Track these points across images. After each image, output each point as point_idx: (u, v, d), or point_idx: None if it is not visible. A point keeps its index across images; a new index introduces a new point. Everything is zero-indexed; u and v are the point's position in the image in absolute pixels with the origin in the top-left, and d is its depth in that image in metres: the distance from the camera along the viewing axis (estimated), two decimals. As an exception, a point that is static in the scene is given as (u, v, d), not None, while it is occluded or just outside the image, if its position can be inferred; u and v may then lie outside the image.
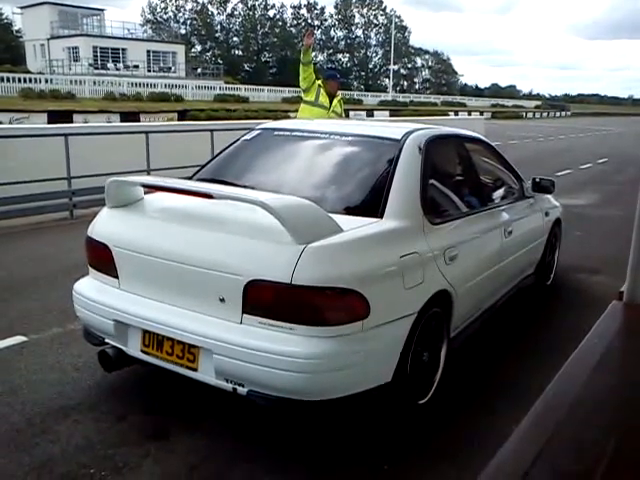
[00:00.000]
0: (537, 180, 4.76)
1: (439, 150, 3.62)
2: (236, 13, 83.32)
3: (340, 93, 7.30)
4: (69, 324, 4.29)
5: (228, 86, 48.36)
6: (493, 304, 4.10)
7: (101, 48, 48.55)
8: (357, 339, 2.60)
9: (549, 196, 5.21)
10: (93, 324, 3.18)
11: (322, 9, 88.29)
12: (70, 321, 4.34)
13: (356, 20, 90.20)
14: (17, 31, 64.97)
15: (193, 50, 77.86)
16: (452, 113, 43.44)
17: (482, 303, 3.88)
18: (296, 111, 7.65)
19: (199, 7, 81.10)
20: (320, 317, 2.55)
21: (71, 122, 20.70)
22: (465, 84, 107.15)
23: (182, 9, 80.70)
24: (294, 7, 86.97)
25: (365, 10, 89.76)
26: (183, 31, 78.75)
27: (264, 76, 76.53)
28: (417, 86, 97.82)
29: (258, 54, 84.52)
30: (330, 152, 3.62)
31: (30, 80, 35.10)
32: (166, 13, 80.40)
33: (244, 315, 2.64)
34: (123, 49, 49.95)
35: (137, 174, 8.76)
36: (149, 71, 49.93)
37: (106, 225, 3.25)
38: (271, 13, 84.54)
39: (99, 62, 47.80)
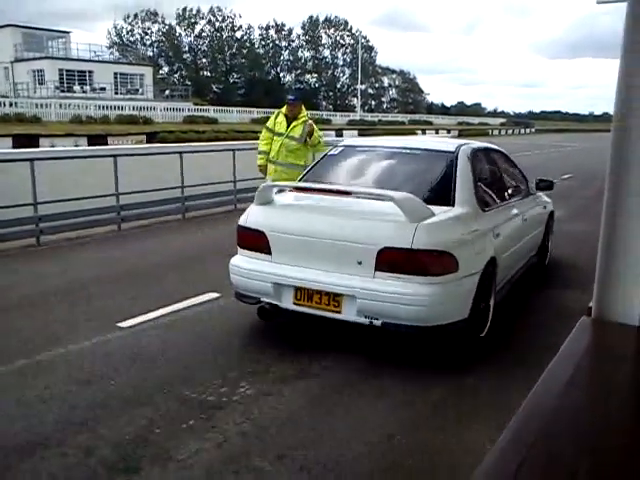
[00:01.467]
0: (538, 180, 6.30)
1: (479, 158, 4.98)
2: (204, 34, 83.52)
3: (307, 113, 7.33)
4: (35, 355, 4.18)
5: (197, 107, 48.31)
6: (514, 274, 5.35)
7: (67, 71, 48.08)
8: (451, 285, 3.89)
9: (541, 193, 6.55)
10: (250, 288, 4.35)
11: (290, 30, 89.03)
12: (37, 352, 4.23)
13: (323, 41, 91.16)
14: (-20, 54, 64.06)
15: (161, 72, 77.67)
16: (419, 131, 44.06)
17: (510, 270, 5.15)
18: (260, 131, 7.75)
19: (166, 29, 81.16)
20: (428, 270, 3.84)
21: (37, 146, 20.41)
22: (432, 103, 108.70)
23: (149, 31, 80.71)
24: (262, 28, 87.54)
25: (332, 31, 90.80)
26: (150, 53, 78.64)
27: (233, 97, 76.65)
28: (385, 105, 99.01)
29: (226, 75, 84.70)
30: (405, 161, 4.96)
31: (-6, 104, 34.57)
32: (133, 35, 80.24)
33: (376, 272, 3.88)
34: (90, 71, 49.53)
35: (107, 198, 8.69)
36: (116, 93, 49.59)
37: (259, 217, 4.40)
38: (238, 34, 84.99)
39: (65, 85, 47.28)
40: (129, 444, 3.07)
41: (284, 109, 7.16)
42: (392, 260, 3.84)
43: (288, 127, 7.05)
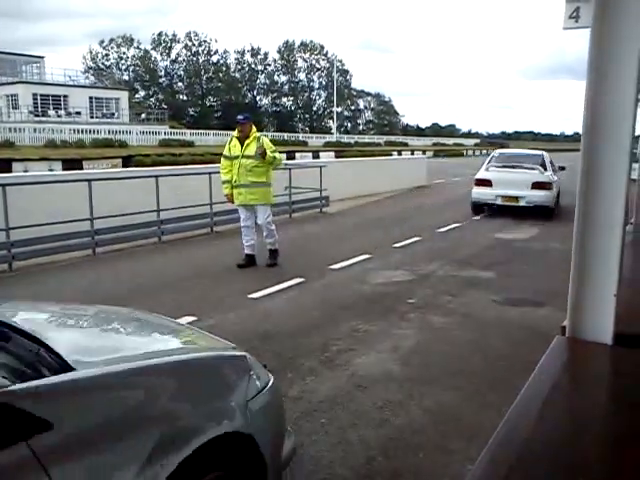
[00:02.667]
0: (559, 166, 13.11)
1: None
2: (180, 59, 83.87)
3: (258, 133, 7.70)
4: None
5: (173, 130, 48.26)
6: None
7: (41, 95, 47.77)
8: (551, 193, 12.89)
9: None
10: (482, 200, 13.23)
11: (265, 54, 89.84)
12: None
13: (299, 64, 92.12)
14: (-48, 79, 63.43)
15: (137, 95, 77.59)
16: (395, 153, 44.50)
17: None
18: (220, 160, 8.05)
19: (142, 53, 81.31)
20: (546, 187, 12.86)
21: (10, 171, 20.17)
22: (407, 124, 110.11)
23: (124, 55, 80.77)
24: (238, 52, 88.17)
25: (307, 55, 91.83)
26: (126, 77, 78.61)
27: (209, 120, 76.81)
28: (361, 127, 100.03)
29: (203, 98, 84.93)
30: (528, 158, 14.14)
31: (-34, 129, 34.14)
32: (108, 60, 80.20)
33: (530, 190, 12.79)
34: (64, 96, 49.29)
35: (79, 222, 8.58)
36: (92, 117, 49.35)
37: (486, 174, 13.40)
38: (215, 58, 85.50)
39: (39, 109, 46.94)
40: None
41: (235, 132, 7.44)
42: (539, 184, 12.62)
43: (242, 147, 7.34)
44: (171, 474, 1.87)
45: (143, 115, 59.02)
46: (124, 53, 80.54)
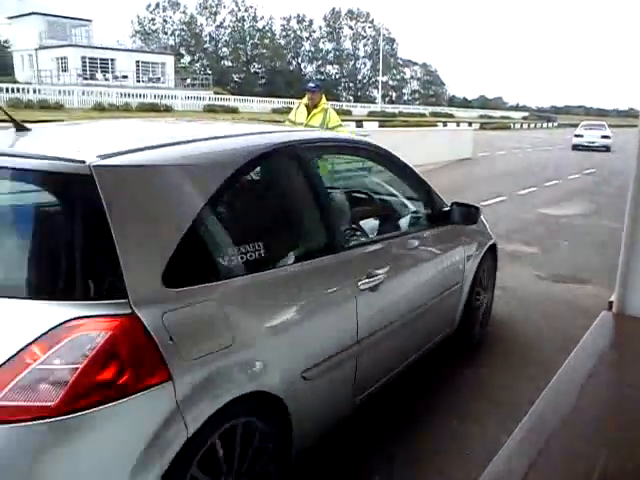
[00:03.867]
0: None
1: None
2: (225, 24, 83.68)
3: (327, 103, 7.26)
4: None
5: (217, 96, 48.37)
6: None
7: (90, 58, 48.43)
8: (611, 141, 29.43)
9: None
10: (577, 143, 28.49)
11: (311, 21, 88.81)
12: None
13: (345, 32, 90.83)
14: (5, 41, 64.70)
15: (182, 61, 77.86)
16: (440, 124, 43.69)
17: None
18: (284, 121, 7.71)
19: (187, 18, 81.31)
20: None
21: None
22: (453, 95, 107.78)
23: (171, 20, 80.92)
24: (284, 19, 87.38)
25: (353, 23, 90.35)
26: (172, 42, 78.82)
27: (254, 86, 76.65)
28: (406, 97, 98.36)
29: (247, 65, 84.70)
30: (598, 125, 31.63)
31: (18, 90, 34.93)
32: (154, 24, 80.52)
33: (600, 137, 29.90)
34: (112, 59, 49.85)
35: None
36: (138, 81, 49.84)
37: (579, 131, 29.68)
38: (260, 24, 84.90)
39: (88, 72, 47.64)
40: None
41: (304, 99, 7.11)
42: (603, 136, 29.45)
43: (308, 116, 7.01)
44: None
45: (188, 80, 59.28)
46: (170, 17, 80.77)
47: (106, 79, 47.51)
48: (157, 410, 1.76)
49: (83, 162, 1.86)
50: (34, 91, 35.70)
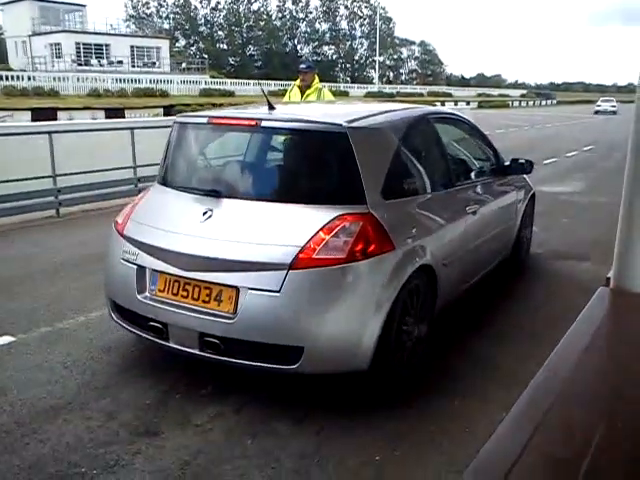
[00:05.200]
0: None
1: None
2: (220, 7, 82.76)
3: (321, 84, 7.19)
4: (57, 323, 4.26)
5: (213, 80, 48.05)
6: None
7: (84, 44, 47.99)
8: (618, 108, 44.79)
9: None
10: (597, 110, 49.70)
11: (307, 2, 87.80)
12: (59, 320, 4.31)
13: (341, 12, 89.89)
14: (-2, 28, 64.15)
15: (177, 45, 77.18)
16: (439, 103, 43.43)
17: None
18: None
19: (182, 1, 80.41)
20: None
21: (56, 119, 20.51)
22: (451, 74, 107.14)
23: (165, 3, 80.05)
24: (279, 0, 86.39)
25: (349, 2, 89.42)
26: (167, 26, 78.11)
27: (250, 69, 76.11)
28: (403, 77, 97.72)
29: (243, 48, 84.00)
30: (610, 99, 54.10)
31: (12, 77, 34.69)
32: (148, 8, 79.65)
33: (610, 106, 48.41)
34: (106, 45, 49.42)
35: (124, 170, 8.73)
36: (133, 67, 49.48)
37: (598, 103, 52.17)
38: (255, 6, 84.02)
39: (82, 58, 47.25)
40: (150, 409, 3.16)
41: (298, 81, 7.04)
42: (613, 105, 50.38)
43: (302, 97, 6.94)
44: None
45: (184, 64, 58.81)
46: (164, 1, 79.87)
47: (101, 65, 47.13)
48: (389, 265, 3.13)
49: (340, 125, 3.27)
50: (28, 78, 35.45)
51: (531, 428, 1.50)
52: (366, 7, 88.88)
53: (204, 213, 3.26)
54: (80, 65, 45.64)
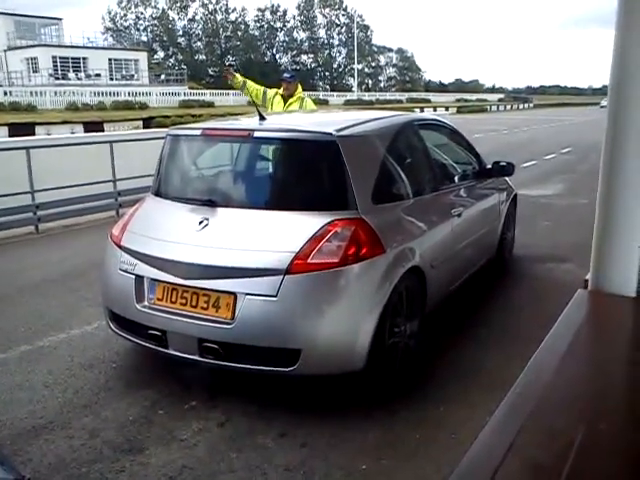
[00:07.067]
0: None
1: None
2: (197, 18, 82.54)
3: (304, 93, 7.19)
4: (38, 341, 4.20)
5: (193, 91, 47.95)
6: None
7: (61, 58, 47.59)
8: None
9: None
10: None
11: (284, 11, 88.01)
12: (39, 338, 4.25)
13: (318, 21, 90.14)
14: (-28, 44, 63.44)
15: (155, 57, 76.88)
16: (417, 110, 43.77)
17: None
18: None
19: (159, 13, 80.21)
20: None
21: (33, 135, 20.32)
22: (429, 80, 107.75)
23: (143, 16, 79.78)
24: (258, 9, 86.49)
25: (327, 10, 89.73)
26: (145, 38, 77.81)
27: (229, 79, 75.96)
28: (382, 84, 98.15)
29: (222, 58, 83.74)
30: None
31: (-12, 93, 34.31)
32: (126, 21, 79.36)
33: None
34: (84, 58, 49.04)
35: (103, 184, 8.65)
36: (111, 79, 49.16)
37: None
38: (233, 17, 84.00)
39: (59, 72, 46.82)
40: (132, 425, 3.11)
41: (281, 89, 7.03)
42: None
43: (285, 105, 6.94)
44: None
45: (162, 76, 58.64)
46: (142, 13, 79.59)
47: (79, 78, 46.73)
48: (380, 268, 3.24)
49: (330, 134, 3.39)
50: (5, 93, 35.08)
51: (514, 433, 1.51)
52: (343, 15, 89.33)
53: (200, 222, 3.33)
54: (57, 79, 45.23)
